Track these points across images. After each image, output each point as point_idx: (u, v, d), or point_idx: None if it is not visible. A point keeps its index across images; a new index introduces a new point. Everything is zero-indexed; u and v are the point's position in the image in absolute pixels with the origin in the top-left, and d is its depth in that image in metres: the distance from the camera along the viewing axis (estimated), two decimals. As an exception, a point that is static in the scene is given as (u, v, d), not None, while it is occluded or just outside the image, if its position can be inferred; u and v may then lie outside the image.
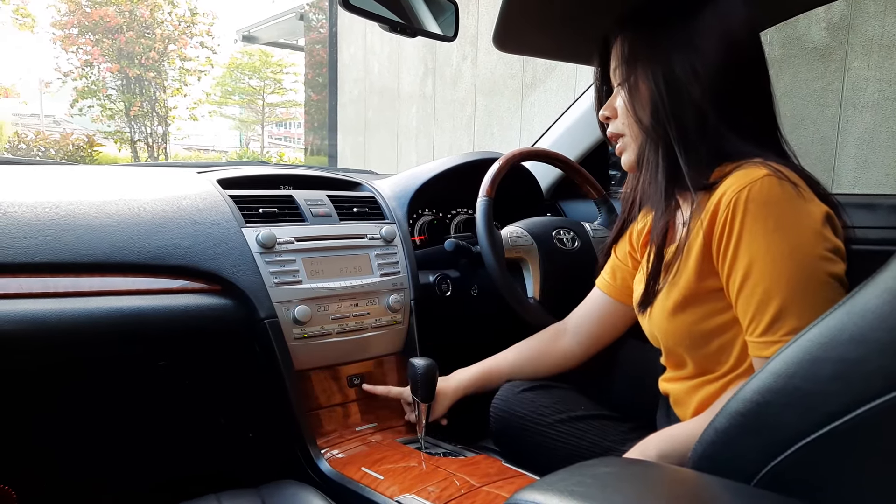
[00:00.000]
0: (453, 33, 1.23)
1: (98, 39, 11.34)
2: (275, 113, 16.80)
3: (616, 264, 1.04)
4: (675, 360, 0.88)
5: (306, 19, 8.94)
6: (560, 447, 0.99)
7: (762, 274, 0.71)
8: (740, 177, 0.73)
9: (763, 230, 0.71)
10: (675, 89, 0.77)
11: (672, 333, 0.83)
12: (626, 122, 0.85)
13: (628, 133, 0.85)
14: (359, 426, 1.10)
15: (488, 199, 1.22)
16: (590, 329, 1.08)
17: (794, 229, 0.70)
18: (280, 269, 1.04)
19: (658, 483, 0.46)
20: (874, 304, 0.38)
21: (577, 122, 1.64)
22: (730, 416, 0.47)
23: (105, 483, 1.24)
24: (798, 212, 0.71)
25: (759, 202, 0.71)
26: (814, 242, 0.70)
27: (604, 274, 1.06)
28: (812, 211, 0.72)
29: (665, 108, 0.78)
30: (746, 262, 0.72)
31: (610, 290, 1.05)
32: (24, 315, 0.82)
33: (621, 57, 0.83)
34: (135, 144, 11.81)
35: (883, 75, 1.75)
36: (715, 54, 0.76)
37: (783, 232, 0.70)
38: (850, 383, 0.39)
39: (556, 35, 1.05)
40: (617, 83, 0.86)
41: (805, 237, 0.70)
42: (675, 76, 0.77)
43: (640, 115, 0.81)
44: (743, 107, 0.79)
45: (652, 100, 0.79)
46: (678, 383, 0.88)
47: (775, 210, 0.71)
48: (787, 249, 0.70)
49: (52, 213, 0.91)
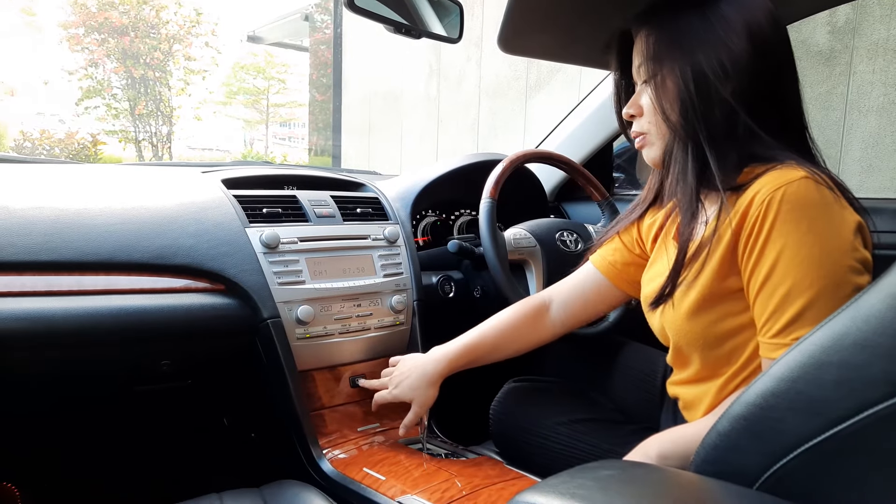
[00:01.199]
0: (458, 35, 1.23)
1: (104, 39, 11.38)
2: (279, 113, 16.83)
3: (619, 247, 1.01)
4: (681, 359, 0.87)
5: (311, 20, 8.96)
6: (560, 449, 0.99)
7: (786, 274, 0.70)
8: (776, 176, 0.71)
9: (795, 231, 0.69)
10: (704, 86, 0.76)
11: (686, 332, 0.82)
12: (653, 119, 0.82)
13: (654, 131, 0.83)
14: (361, 427, 1.10)
15: (492, 201, 1.22)
16: (576, 305, 1.05)
17: (827, 235, 0.69)
18: (283, 270, 1.05)
19: (660, 486, 0.46)
20: (878, 309, 0.38)
21: (581, 124, 1.64)
22: (733, 419, 0.47)
23: (106, 481, 1.24)
24: (832, 218, 0.70)
25: (795, 203, 0.69)
26: (844, 251, 0.69)
27: (602, 254, 1.03)
28: (847, 219, 0.71)
29: (694, 106, 0.77)
30: (772, 261, 0.71)
31: (608, 271, 1.01)
32: (28, 313, 0.82)
33: (646, 53, 0.81)
34: (139, 144, 11.84)
35: (888, 79, 1.74)
36: (742, 49, 0.75)
37: (815, 236, 0.69)
38: (854, 388, 0.39)
39: (561, 37, 1.05)
40: (642, 80, 0.84)
41: (836, 244, 0.69)
42: (704, 73, 0.76)
43: (668, 113, 0.79)
44: (771, 105, 0.77)
45: (680, 97, 0.78)
46: (688, 387, 0.87)
47: (810, 213, 0.69)
48: (817, 254, 0.69)
49: (57, 212, 0.92)
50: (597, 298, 1.04)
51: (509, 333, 1.05)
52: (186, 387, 1.08)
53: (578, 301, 1.05)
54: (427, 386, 1.01)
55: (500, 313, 1.07)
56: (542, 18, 0.98)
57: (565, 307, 1.05)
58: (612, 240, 1.02)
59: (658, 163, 0.86)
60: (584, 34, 1.02)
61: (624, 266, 1.00)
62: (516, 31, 1.00)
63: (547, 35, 1.05)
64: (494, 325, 1.06)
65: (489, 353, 1.04)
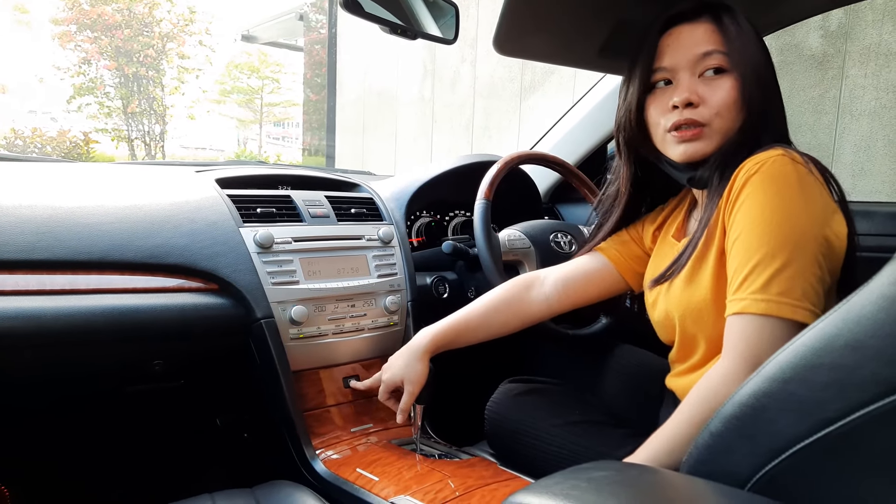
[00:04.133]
0: (453, 36, 1.23)
1: (96, 37, 11.32)
2: (273, 113, 16.79)
3: (626, 240, 1.03)
4: (687, 344, 0.88)
5: (306, 20, 8.94)
6: (554, 451, 0.99)
7: (750, 235, 0.73)
8: (758, 155, 0.76)
9: (762, 195, 0.73)
10: (767, 84, 0.82)
11: (693, 311, 0.83)
12: (724, 113, 0.82)
13: (717, 123, 0.82)
14: (354, 427, 1.10)
15: (486, 202, 1.22)
16: (576, 283, 1.04)
17: (792, 201, 0.73)
18: (277, 269, 1.04)
19: (652, 487, 0.46)
20: (869, 311, 0.39)
21: (575, 126, 1.65)
22: (725, 420, 0.47)
23: (98, 482, 1.23)
24: (803, 189, 0.73)
25: (766, 174, 0.73)
26: (810, 218, 0.73)
27: (610, 243, 1.04)
28: (820, 195, 0.75)
29: (759, 104, 0.81)
30: (741, 226, 0.74)
31: (616, 259, 1.03)
32: (20, 312, 0.82)
33: (727, 43, 0.82)
34: (132, 142, 11.78)
35: (880, 83, 1.76)
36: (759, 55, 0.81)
37: (780, 199, 0.72)
38: (845, 389, 0.39)
39: (556, 39, 1.06)
40: (708, 68, 0.82)
41: (800, 210, 0.73)
42: (770, 71, 0.82)
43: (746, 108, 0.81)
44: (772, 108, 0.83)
45: (750, 94, 0.81)
46: (686, 377, 0.88)
47: (779, 182, 0.73)
48: (779, 217, 0.72)
49: (50, 211, 0.91)
50: (597, 282, 1.04)
51: (496, 309, 1.05)
52: (179, 387, 1.08)
53: (580, 280, 1.05)
54: (415, 361, 1.00)
55: (487, 294, 1.07)
56: (537, 21, 0.98)
57: (565, 283, 1.05)
58: (620, 233, 1.04)
59: (699, 157, 0.84)
60: (578, 37, 1.02)
61: (629, 257, 1.03)
62: (511, 33, 1.00)
63: (541, 37, 1.05)
64: (482, 301, 1.06)
65: (476, 328, 1.04)
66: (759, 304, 0.71)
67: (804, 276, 0.71)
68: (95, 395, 1.10)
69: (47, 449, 1.15)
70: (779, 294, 0.70)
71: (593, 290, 1.05)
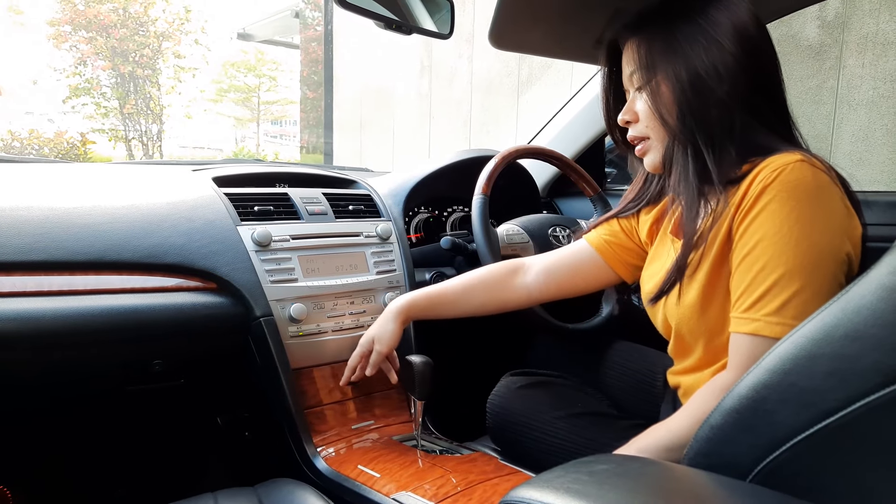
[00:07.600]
0: (449, 31, 1.23)
1: (92, 37, 11.28)
2: (270, 111, 16.75)
3: (616, 230, 1.02)
4: (683, 348, 0.88)
5: (302, 17, 8.91)
6: (557, 444, 0.99)
7: (765, 251, 0.71)
8: (774, 160, 0.73)
9: (780, 210, 0.71)
10: (700, 89, 0.77)
11: (689, 321, 0.83)
12: (651, 125, 0.84)
13: (653, 135, 0.85)
14: (355, 424, 1.10)
15: (484, 197, 1.22)
16: (560, 273, 1.05)
17: (812, 216, 0.71)
18: (276, 268, 1.04)
19: (654, 479, 0.46)
20: (868, 301, 0.39)
21: (573, 119, 1.64)
22: (725, 412, 0.47)
23: (100, 482, 1.23)
24: (822, 202, 0.72)
25: (786, 184, 0.71)
26: (829, 239, 0.71)
27: (598, 233, 1.04)
28: (837, 204, 0.73)
29: (691, 109, 0.78)
30: (756, 239, 0.72)
31: (603, 249, 1.02)
32: (18, 314, 0.81)
33: (639, 61, 0.83)
34: (129, 142, 11.75)
35: (878, 73, 1.75)
36: (733, 50, 0.77)
37: (802, 216, 0.70)
38: (846, 379, 0.39)
39: (552, 32, 1.05)
40: (636, 87, 0.85)
41: (820, 227, 0.71)
42: (699, 75, 0.77)
43: (667, 118, 0.81)
44: (764, 100, 0.80)
45: (677, 101, 0.79)
46: (689, 375, 0.88)
47: (800, 194, 0.71)
48: (797, 234, 0.70)
49: (47, 212, 0.91)
50: (584, 272, 1.04)
51: (475, 287, 1.05)
52: (179, 386, 1.08)
53: (564, 270, 1.05)
54: (388, 322, 1.01)
55: (470, 272, 1.08)
56: (533, 14, 0.98)
57: (547, 273, 1.05)
58: (610, 223, 1.03)
59: (659, 167, 0.87)
60: (574, 30, 1.02)
61: (619, 248, 1.02)
62: (507, 27, 1.00)
63: (537, 31, 1.05)
64: (463, 278, 1.07)
65: (453, 303, 1.04)
66: (773, 327, 0.70)
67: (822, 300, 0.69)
68: (96, 396, 1.10)
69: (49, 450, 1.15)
70: (794, 318, 0.69)
71: (580, 281, 1.05)
